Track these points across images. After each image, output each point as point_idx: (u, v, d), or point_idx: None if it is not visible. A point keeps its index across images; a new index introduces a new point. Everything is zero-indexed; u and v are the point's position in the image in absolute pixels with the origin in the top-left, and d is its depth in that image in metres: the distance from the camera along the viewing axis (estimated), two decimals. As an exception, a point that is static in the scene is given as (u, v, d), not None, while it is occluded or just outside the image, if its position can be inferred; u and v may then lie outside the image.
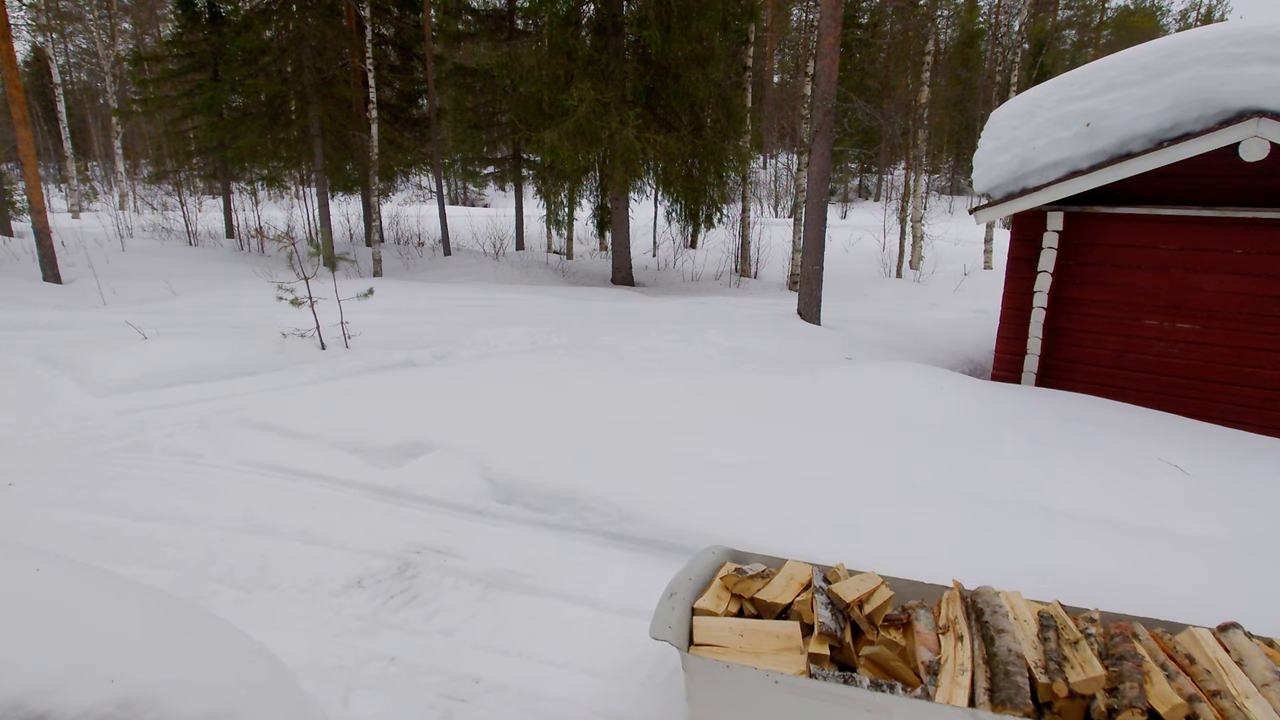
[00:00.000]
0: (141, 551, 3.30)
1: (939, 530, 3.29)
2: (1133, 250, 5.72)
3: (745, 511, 3.50)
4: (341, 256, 7.63)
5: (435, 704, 2.38)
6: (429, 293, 10.85)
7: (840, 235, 20.83)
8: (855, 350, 7.55)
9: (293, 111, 14.58)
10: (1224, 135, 4.87)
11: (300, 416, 4.83)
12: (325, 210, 14.64)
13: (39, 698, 1.43)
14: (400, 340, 7.74)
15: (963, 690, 1.84)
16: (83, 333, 7.56)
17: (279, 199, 21.68)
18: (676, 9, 10.84)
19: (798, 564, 2.46)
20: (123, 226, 16.85)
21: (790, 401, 5.00)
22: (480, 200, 37.42)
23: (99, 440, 4.74)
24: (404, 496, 3.97)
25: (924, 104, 15.63)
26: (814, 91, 9.85)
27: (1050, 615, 2.09)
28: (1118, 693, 1.81)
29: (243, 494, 3.94)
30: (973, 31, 29.66)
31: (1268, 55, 4.79)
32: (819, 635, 2.07)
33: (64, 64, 31.51)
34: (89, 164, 33.60)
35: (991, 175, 5.96)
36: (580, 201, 15.75)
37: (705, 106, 12.44)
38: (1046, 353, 6.17)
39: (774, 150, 34.30)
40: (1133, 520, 3.51)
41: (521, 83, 12.89)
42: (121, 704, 1.52)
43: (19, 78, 10.45)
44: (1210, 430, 4.86)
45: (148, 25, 30.63)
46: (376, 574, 3.18)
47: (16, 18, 24.44)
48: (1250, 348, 5.40)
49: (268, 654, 2.10)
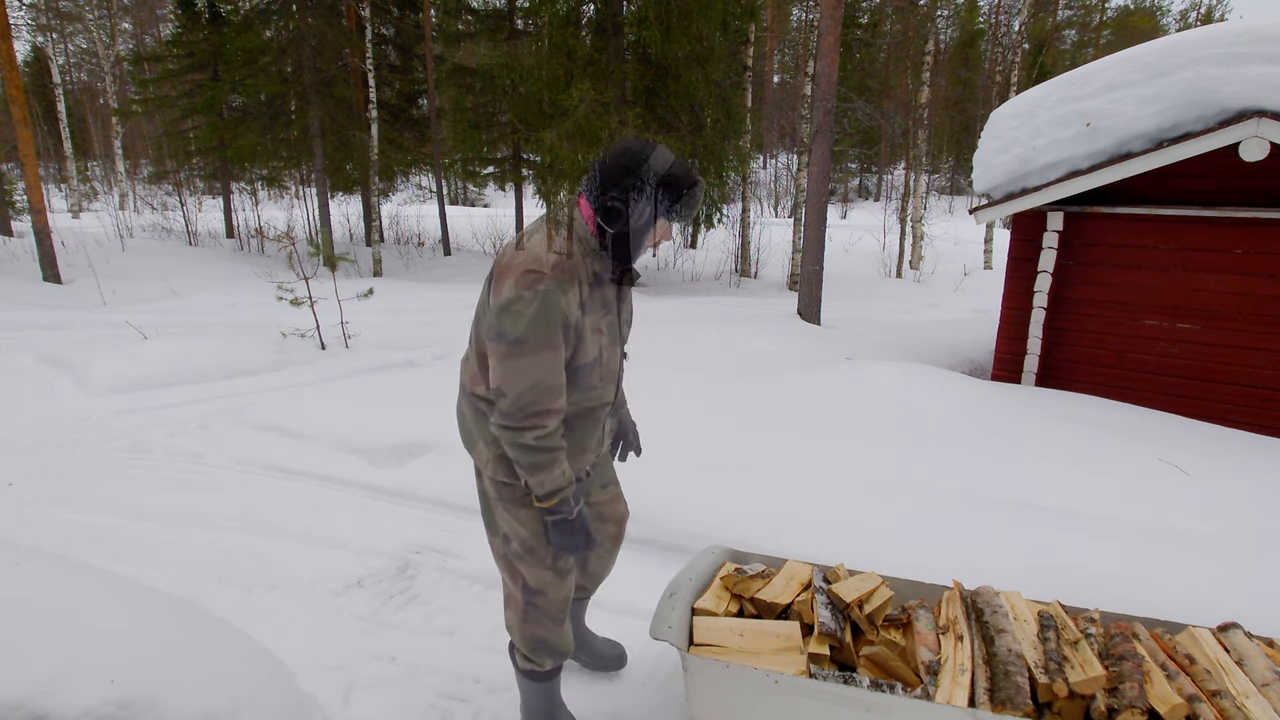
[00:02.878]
0: (141, 551, 3.30)
1: (939, 530, 3.29)
2: (1133, 250, 5.72)
3: (745, 511, 3.50)
4: (341, 256, 7.63)
5: (435, 704, 2.38)
6: (429, 293, 10.86)
7: (840, 235, 20.82)
8: (855, 350, 7.55)
9: (293, 111, 14.57)
10: (1224, 135, 4.87)
11: (300, 416, 4.83)
12: (325, 210, 14.65)
13: (39, 698, 1.43)
14: (400, 340, 7.74)
15: (963, 690, 1.84)
16: (83, 333, 7.56)
17: (279, 199, 21.66)
18: (676, 9, 10.84)
19: (798, 564, 2.46)
20: (123, 226, 16.85)
21: (790, 401, 5.00)
22: (480, 200, 37.42)
23: (99, 440, 4.74)
24: (404, 496, 3.98)
25: (924, 104, 15.63)
26: (814, 91, 9.85)
27: (1050, 615, 2.09)
28: (1118, 693, 1.81)
29: (243, 494, 3.94)
30: (973, 31, 29.66)
31: (1268, 55, 4.79)
32: (819, 635, 2.07)
33: (64, 64, 31.51)
34: (89, 164, 33.60)
35: (991, 175, 5.96)
36: (580, 201, 15.74)
37: (705, 106, 12.43)
38: (1046, 353, 6.17)
39: (774, 150, 34.29)
40: (1133, 520, 3.51)
41: (521, 83, 12.89)
42: (121, 704, 1.52)
43: (19, 78, 10.46)
44: (1210, 430, 4.86)
45: (148, 25, 30.63)
46: (376, 574, 3.18)
47: (16, 18, 24.45)
48: (1250, 348, 5.40)
49: (268, 654, 2.11)
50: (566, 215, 1.74)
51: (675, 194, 1.67)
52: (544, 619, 1.95)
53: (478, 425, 1.84)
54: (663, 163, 1.66)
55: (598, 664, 2.49)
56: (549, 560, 1.89)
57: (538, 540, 1.87)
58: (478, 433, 1.84)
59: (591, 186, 1.71)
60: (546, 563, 1.89)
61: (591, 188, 1.71)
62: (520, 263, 1.63)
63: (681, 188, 1.67)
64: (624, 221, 1.67)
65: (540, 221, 1.76)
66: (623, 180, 1.65)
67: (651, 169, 1.65)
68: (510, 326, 1.59)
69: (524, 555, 1.88)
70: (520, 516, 1.86)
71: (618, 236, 1.70)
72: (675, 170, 1.67)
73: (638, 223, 1.69)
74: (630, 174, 1.65)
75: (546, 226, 1.72)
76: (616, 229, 1.68)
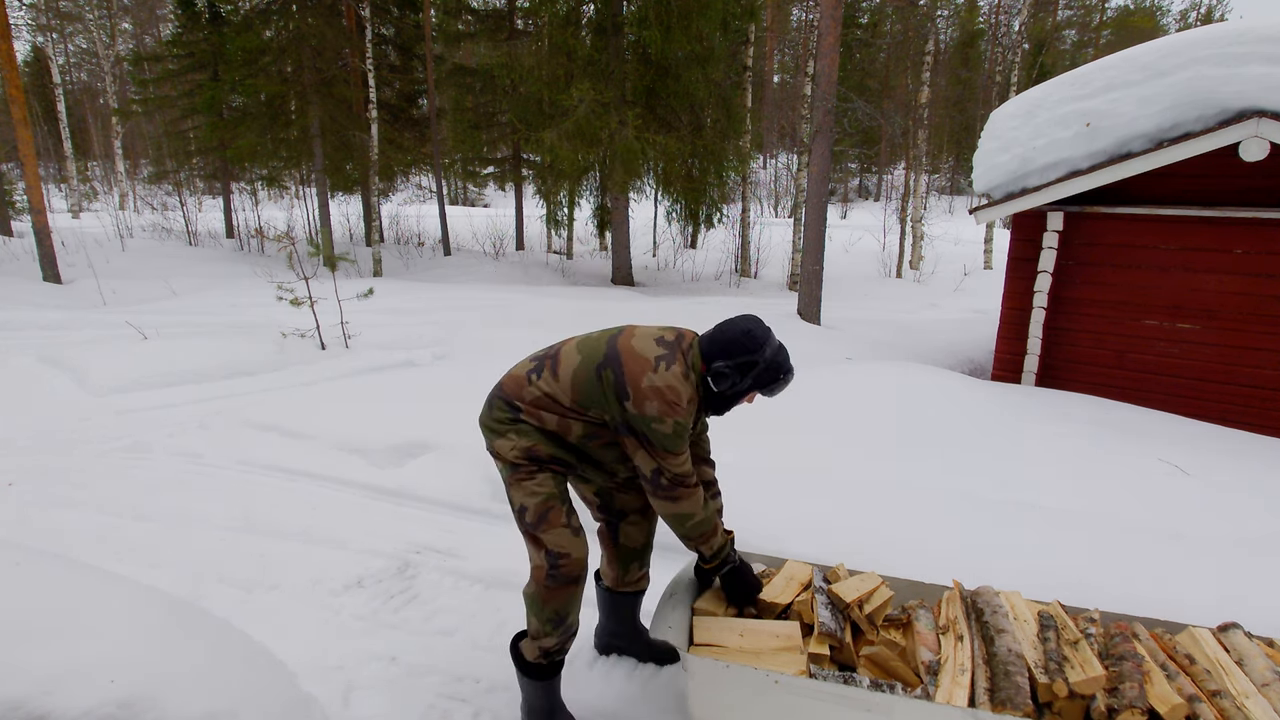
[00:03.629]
0: (141, 551, 3.30)
1: (939, 530, 3.29)
2: (1133, 250, 5.72)
3: (745, 512, 3.49)
4: (341, 256, 7.64)
5: (435, 704, 2.38)
6: (429, 293, 10.85)
7: (840, 235, 20.82)
8: (855, 350, 7.55)
9: (293, 111, 14.58)
10: (1224, 135, 4.87)
11: (300, 416, 4.83)
12: (325, 210, 14.65)
13: (39, 698, 1.43)
14: (400, 340, 7.74)
15: (963, 690, 1.84)
16: (83, 333, 7.56)
17: (279, 199, 21.67)
18: (676, 9, 10.84)
19: (797, 564, 2.46)
20: (123, 226, 16.85)
21: (790, 401, 4.99)
22: (480, 200, 37.40)
23: (99, 440, 4.74)
24: (404, 496, 3.97)
25: (924, 104, 15.63)
26: (814, 91, 9.85)
27: (1050, 615, 2.09)
28: (1118, 693, 1.81)
29: (243, 494, 3.94)
30: (973, 31, 29.64)
31: (1268, 55, 4.79)
32: (819, 635, 2.07)
33: (64, 64, 31.50)
34: (89, 164, 33.58)
35: (991, 175, 5.96)
36: (580, 201, 15.74)
37: (705, 106, 12.44)
38: (1046, 353, 6.17)
39: (774, 150, 34.30)
40: (1133, 520, 3.51)
41: (521, 83, 12.89)
42: (121, 704, 1.52)
43: (19, 78, 10.46)
44: (1210, 430, 4.86)
45: (148, 25, 30.64)
46: (376, 574, 3.18)
47: (16, 18, 24.45)
48: (1250, 348, 5.40)
49: (268, 654, 2.11)
50: (693, 356, 2.04)
51: (774, 379, 2.03)
52: (566, 585, 2.05)
53: (509, 425, 2.09)
54: (773, 352, 2.02)
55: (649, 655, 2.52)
56: (563, 519, 2.06)
57: (548, 504, 2.06)
58: (507, 429, 2.09)
59: (711, 343, 2.04)
60: (561, 523, 2.05)
61: (710, 344, 2.04)
62: (664, 389, 1.94)
63: (780, 374, 2.04)
64: (728, 386, 2.01)
65: (675, 344, 2.04)
66: (737, 355, 2.00)
67: (765, 355, 2.00)
68: (654, 439, 1.96)
69: (538, 523, 2.05)
70: (527, 488, 2.06)
71: (719, 395, 2.05)
72: (780, 359, 2.03)
73: (737, 390, 2.03)
74: (746, 353, 2.00)
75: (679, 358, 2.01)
76: (720, 390, 2.02)
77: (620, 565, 2.39)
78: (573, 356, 2.06)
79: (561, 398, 2.03)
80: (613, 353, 2.01)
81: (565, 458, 2.10)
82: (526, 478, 2.07)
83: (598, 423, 2.04)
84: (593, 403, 2.01)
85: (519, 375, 2.13)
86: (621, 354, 2.00)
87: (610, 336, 2.08)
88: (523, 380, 2.10)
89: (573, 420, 2.05)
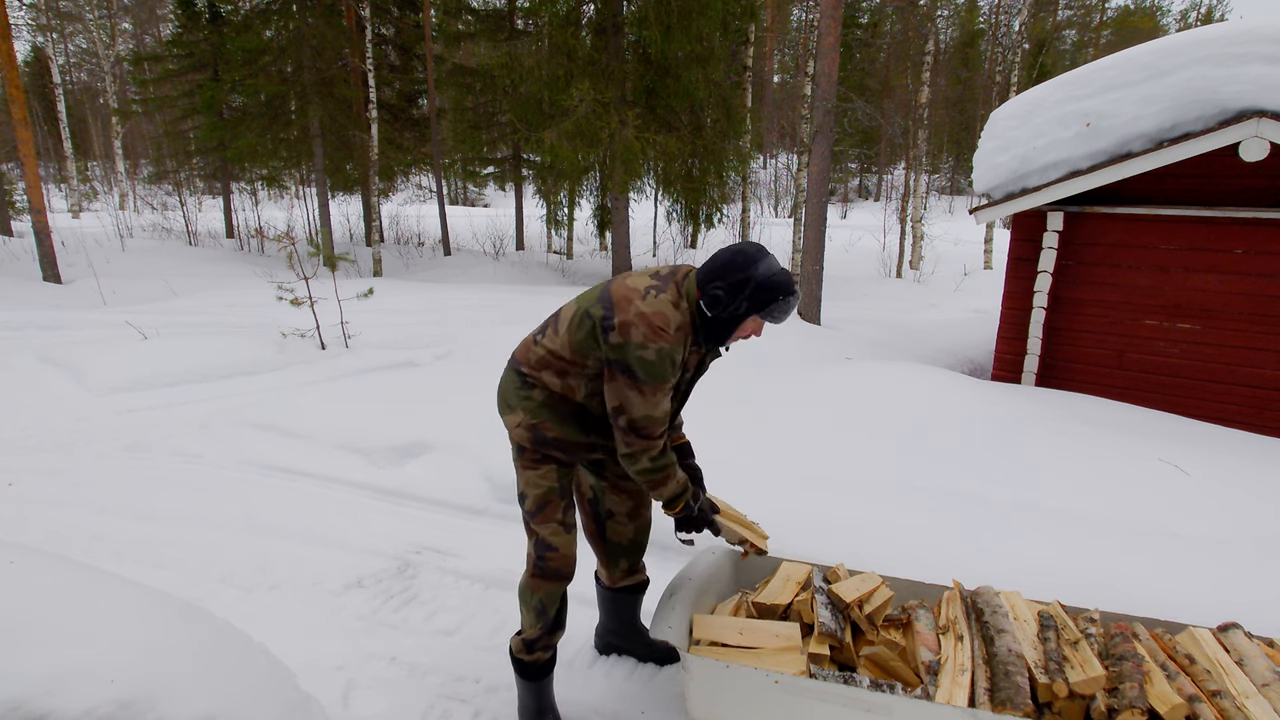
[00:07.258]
0: (141, 551, 3.30)
1: (939, 530, 3.28)
2: (1133, 250, 5.72)
3: (744, 512, 3.50)
4: (341, 256, 7.63)
5: (435, 704, 2.38)
6: (429, 293, 10.85)
7: (840, 235, 20.81)
8: (855, 350, 7.55)
9: (293, 111, 14.58)
10: (1224, 135, 4.87)
11: (300, 416, 4.83)
12: (325, 210, 14.64)
13: (39, 698, 1.43)
14: (400, 340, 7.74)
15: (963, 690, 1.84)
16: (83, 333, 7.56)
17: (279, 199, 21.68)
18: (676, 9, 10.84)
19: (792, 564, 2.46)
20: (123, 226, 16.85)
21: (789, 401, 5.00)
22: (480, 200, 37.41)
23: (99, 440, 4.74)
24: (404, 496, 3.98)
25: (924, 104, 15.63)
26: (814, 91, 9.85)
27: (1050, 615, 2.09)
28: (1118, 693, 1.81)
29: (243, 494, 3.94)
30: (973, 31, 29.64)
31: (1268, 55, 4.79)
32: (819, 635, 2.07)
33: (64, 64, 31.46)
34: (89, 164, 33.58)
35: (991, 175, 5.96)
36: (580, 201, 15.74)
37: (705, 106, 12.43)
38: (1046, 353, 6.17)
39: (774, 150, 34.31)
40: (1133, 520, 3.51)
41: (521, 83, 12.88)
42: (121, 704, 1.52)
43: (19, 78, 10.46)
44: (1210, 430, 4.86)
45: (148, 25, 30.65)
46: (376, 574, 3.18)
47: (16, 18, 24.44)
48: (1250, 348, 5.40)
49: (268, 654, 2.10)
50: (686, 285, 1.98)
51: (771, 297, 1.92)
52: (550, 578, 2.13)
53: (517, 395, 2.09)
54: (768, 269, 1.92)
55: (649, 655, 2.60)
56: (559, 515, 2.11)
57: (547, 497, 2.11)
58: (517, 402, 2.09)
59: (704, 270, 1.96)
60: (556, 518, 2.11)
61: (704, 271, 1.96)
62: (650, 315, 1.88)
63: (778, 294, 1.92)
64: (721, 309, 1.92)
65: (669, 275, 2.00)
66: (730, 275, 1.91)
67: (758, 271, 1.91)
68: (636, 367, 1.88)
69: (535, 513, 2.11)
70: (530, 478, 2.11)
71: (714, 320, 1.95)
72: (778, 278, 1.92)
73: (734, 313, 1.93)
74: (738, 270, 1.91)
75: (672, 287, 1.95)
76: (714, 314, 1.93)
77: (609, 560, 2.44)
78: (569, 308, 2.06)
79: (563, 351, 2.01)
80: (604, 293, 1.99)
81: (572, 436, 2.07)
82: (531, 466, 2.10)
83: (597, 374, 1.99)
84: (589, 348, 1.96)
85: (526, 340, 2.15)
86: (612, 291, 1.97)
87: (606, 282, 2.07)
88: (529, 343, 2.12)
89: (574, 377, 2.01)
